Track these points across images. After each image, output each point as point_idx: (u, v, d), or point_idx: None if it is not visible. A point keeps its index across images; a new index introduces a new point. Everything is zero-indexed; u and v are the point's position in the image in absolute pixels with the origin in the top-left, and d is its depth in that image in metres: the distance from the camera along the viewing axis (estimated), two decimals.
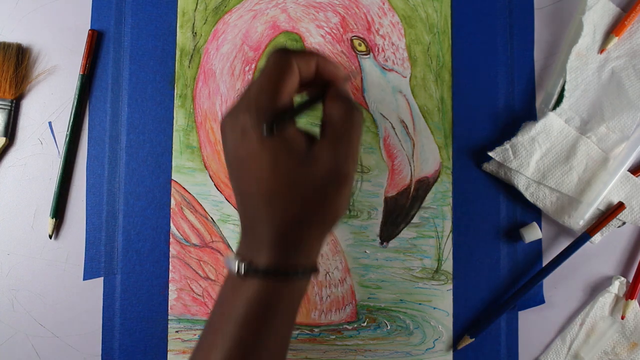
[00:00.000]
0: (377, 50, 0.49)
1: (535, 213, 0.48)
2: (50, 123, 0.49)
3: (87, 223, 0.48)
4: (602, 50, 0.48)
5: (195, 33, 0.49)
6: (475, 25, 0.49)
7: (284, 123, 0.33)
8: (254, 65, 0.49)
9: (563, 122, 0.47)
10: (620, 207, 0.46)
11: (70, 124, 0.48)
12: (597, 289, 0.48)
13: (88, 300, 0.47)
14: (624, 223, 0.47)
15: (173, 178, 0.48)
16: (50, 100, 0.49)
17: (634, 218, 0.47)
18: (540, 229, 0.47)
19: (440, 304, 0.48)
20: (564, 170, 0.47)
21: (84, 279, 0.48)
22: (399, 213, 0.48)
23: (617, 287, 0.47)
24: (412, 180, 0.48)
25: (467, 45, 0.49)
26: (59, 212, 0.48)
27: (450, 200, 0.48)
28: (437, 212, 0.48)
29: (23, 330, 0.47)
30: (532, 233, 0.47)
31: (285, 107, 0.34)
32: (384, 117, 0.49)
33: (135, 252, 0.48)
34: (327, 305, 0.47)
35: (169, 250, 0.48)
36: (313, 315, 0.47)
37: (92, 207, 0.48)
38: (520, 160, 0.47)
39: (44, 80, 0.49)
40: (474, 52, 0.49)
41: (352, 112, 0.35)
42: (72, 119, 0.48)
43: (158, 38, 0.49)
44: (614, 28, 0.48)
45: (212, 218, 0.48)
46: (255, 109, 0.33)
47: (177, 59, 0.49)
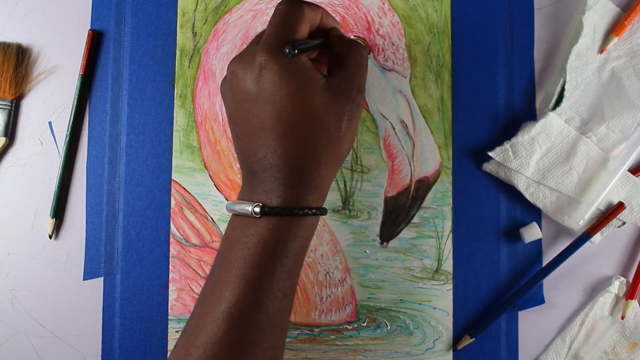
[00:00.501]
0: (377, 50, 0.49)
1: (535, 213, 0.48)
2: (50, 123, 0.49)
3: (87, 223, 0.48)
4: (602, 50, 0.48)
5: (195, 33, 0.49)
6: (475, 25, 0.49)
7: (302, 51, 0.35)
8: None
9: (563, 122, 0.47)
10: (620, 207, 0.46)
11: (70, 124, 0.48)
12: (597, 289, 0.48)
13: (88, 300, 0.47)
14: (624, 223, 0.47)
15: (173, 178, 0.48)
16: (50, 100, 0.49)
17: (634, 218, 0.47)
18: (540, 229, 0.47)
19: (440, 304, 0.48)
20: (564, 170, 0.47)
21: (84, 279, 0.48)
22: (399, 213, 0.48)
23: (617, 287, 0.47)
24: (412, 180, 0.48)
25: (467, 45, 0.49)
26: (59, 212, 0.48)
27: (450, 200, 0.48)
28: (437, 212, 0.48)
29: (23, 330, 0.47)
30: (532, 233, 0.47)
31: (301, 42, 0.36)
32: (384, 117, 0.49)
33: (135, 252, 0.48)
34: (327, 305, 0.47)
35: (169, 250, 0.48)
36: (313, 315, 0.47)
37: (92, 207, 0.48)
38: (520, 160, 0.46)
39: (44, 80, 0.49)
40: (474, 52, 0.49)
41: (359, 48, 0.39)
42: (72, 119, 0.48)
43: (158, 38, 0.49)
44: (614, 28, 0.48)
45: (212, 218, 0.48)
46: (276, 44, 0.35)
47: (177, 59, 0.49)
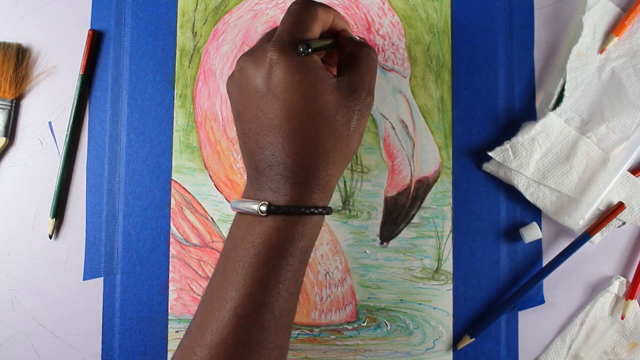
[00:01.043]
0: (377, 50, 0.49)
1: (535, 213, 0.48)
2: (50, 123, 0.49)
3: (87, 223, 0.48)
4: (602, 50, 0.48)
5: (195, 33, 0.49)
6: (475, 25, 0.49)
7: (316, 50, 0.36)
8: None
9: (563, 122, 0.47)
10: (620, 207, 0.46)
11: (70, 124, 0.48)
12: (597, 289, 0.48)
13: (88, 300, 0.47)
14: (624, 223, 0.47)
15: (173, 178, 0.48)
16: (50, 100, 0.49)
17: (634, 218, 0.47)
18: (540, 229, 0.47)
19: (440, 304, 0.48)
20: (564, 170, 0.47)
21: (84, 279, 0.48)
22: (399, 213, 0.48)
23: (617, 287, 0.47)
24: (412, 180, 0.48)
25: (467, 45, 0.49)
26: (59, 212, 0.48)
27: (450, 200, 0.48)
28: (437, 212, 0.48)
29: (23, 330, 0.47)
30: (532, 233, 0.47)
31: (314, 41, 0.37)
32: (384, 117, 0.49)
33: (135, 252, 0.48)
34: (327, 305, 0.47)
35: (169, 250, 0.48)
36: (313, 315, 0.47)
37: (92, 207, 0.48)
38: (520, 160, 0.46)
39: (44, 80, 0.49)
40: (474, 52, 0.49)
41: (369, 50, 0.39)
42: (72, 119, 0.48)
43: (158, 38, 0.49)
44: (614, 28, 0.48)
45: (212, 218, 0.48)
46: (289, 42, 0.35)
47: (177, 59, 0.49)
